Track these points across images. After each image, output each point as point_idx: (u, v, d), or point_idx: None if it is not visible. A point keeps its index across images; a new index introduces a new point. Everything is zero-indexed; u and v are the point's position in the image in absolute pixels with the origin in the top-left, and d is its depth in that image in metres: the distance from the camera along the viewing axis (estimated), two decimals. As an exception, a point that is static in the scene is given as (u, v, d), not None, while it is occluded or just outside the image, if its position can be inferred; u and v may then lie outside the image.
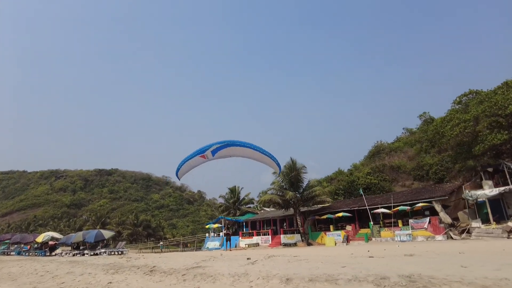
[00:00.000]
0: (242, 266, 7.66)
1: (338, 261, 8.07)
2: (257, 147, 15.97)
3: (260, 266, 7.41)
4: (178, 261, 10.09)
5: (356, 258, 9.30)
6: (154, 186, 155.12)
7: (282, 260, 9.05)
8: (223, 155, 16.02)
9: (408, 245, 17.91)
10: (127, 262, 11.36)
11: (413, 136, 59.07)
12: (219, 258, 11.15)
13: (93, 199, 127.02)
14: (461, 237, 23.22)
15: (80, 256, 22.79)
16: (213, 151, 15.65)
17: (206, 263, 8.70)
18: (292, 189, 32.72)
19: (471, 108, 29.46)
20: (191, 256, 12.76)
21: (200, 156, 15.86)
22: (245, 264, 7.92)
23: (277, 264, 7.88)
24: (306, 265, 7.38)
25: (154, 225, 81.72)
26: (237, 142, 15.98)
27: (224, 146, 15.63)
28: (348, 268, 6.59)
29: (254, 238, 37.85)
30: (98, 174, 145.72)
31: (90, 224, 78.12)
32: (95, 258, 16.83)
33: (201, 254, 18.36)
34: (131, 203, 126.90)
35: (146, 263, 9.94)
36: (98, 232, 24.60)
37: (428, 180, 39.21)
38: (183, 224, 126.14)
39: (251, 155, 16.27)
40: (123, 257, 16.12)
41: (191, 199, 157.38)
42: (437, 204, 25.32)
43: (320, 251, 15.99)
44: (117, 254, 22.80)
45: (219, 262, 8.90)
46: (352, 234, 29.72)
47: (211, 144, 15.86)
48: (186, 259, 10.54)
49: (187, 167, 16.22)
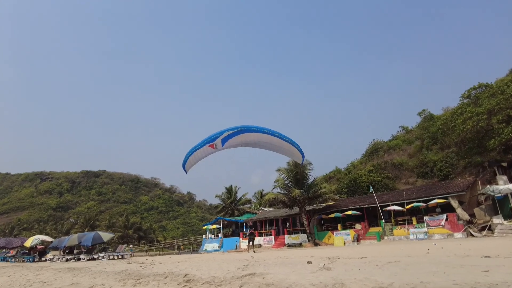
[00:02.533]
0: (314, 272, 6.12)
1: (445, 262, 6.43)
2: (276, 132, 13.88)
3: (343, 272, 5.88)
4: (211, 266, 8.39)
5: (464, 258, 7.63)
6: (143, 187, 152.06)
7: (358, 263, 7.42)
8: (234, 144, 13.90)
9: (447, 244, 16.01)
10: (143, 269, 9.58)
11: (409, 133, 58.58)
12: (264, 261, 9.36)
13: (80, 201, 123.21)
14: (482, 234, 22.11)
15: (75, 261, 20.76)
16: (224, 139, 13.53)
17: (256, 269, 7.11)
18: (297, 186, 31.24)
19: (483, 101, 28.53)
20: (215, 260, 11.02)
21: (209, 145, 13.71)
22: (316, 270, 6.36)
23: (361, 268, 6.29)
24: (413, 269, 5.83)
25: (145, 227, 79.25)
26: (252, 127, 13.92)
27: (236, 133, 13.49)
28: (495, 272, 5.11)
29: (256, 239, 36.15)
30: (85, 176, 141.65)
31: (78, 227, 75.09)
32: (98, 264, 14.86)
33: (222, 257, 16.07)
34: (119, 205, 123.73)
35: (171, 270, 8.23)
36: (95, 234, 22.48)
37: (433, 177, 38.25)
38: (173, 226, 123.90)
39: (268, 143, 14.22)
40: (131, 261, 14.25)
41: (181, 200, 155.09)
42: (454, 200, 24.18)
43: (352, 251, 14.15)
44: (118, 258, 20.84)
45: (276, 268, 7.21)
46: (362, 233, 28.41)
47: (222, 130, 13.73)
48: (221, 265, 8.81)
49: (195, 159, 14.23)
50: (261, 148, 14.69)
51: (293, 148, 14.48)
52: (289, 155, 15.54)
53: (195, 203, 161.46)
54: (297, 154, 14.91)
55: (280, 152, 14.97)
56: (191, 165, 14.36)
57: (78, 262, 19.10)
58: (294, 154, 15.15)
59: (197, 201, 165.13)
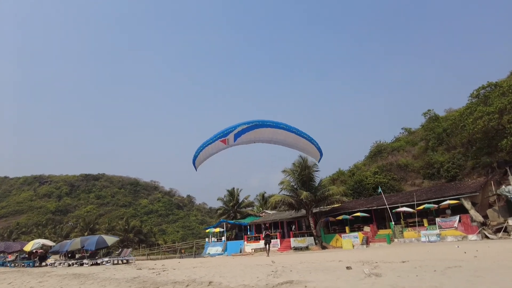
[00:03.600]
0: (362, 279, 5.46)
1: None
2: (293, 128, 12.98)
3: (400, 280, 5.21)
4: (234, 272, 7.68)
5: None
6: (142, 191, 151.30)
7: (408, 268, 6.67)
8: (247, 139, 13.08)
9: (471, 246, 15.24)
10: (157, 275, 8.85)
11: (412, 135, 58.05)
12: (290, 266, 8.57)
13: (79, 205, 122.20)
14: (498, 236, 21.48)
15: (77, 266, 19.99)
16: (237, 134, 12.72)
17: (290, 275, 6.43)
18: (304, 188, 30.60)
19: (493, 100, 28.01)
20: (233, 264, 10.19)
21: (221, 140, 12.93)
22: (364, 277, 5.69)
23: (419, 275, 5.58)
24: (491, 277, 5.15)
25: (146, 231, 78.47)
26: (267, 122, 13.02)
27: (251, 128, 12.67)
28: None
29: (261, 242, 35.41)
30: (84, 179, 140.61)
31: (78, 230, 74.23)
32: (104, 269, 14.03)
33: (237, 261, 14.96)
34: (119, 209, 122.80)
35: (190, 277, 7.51)
36: (99, 238, 21.71)
37: (440, 179, 37.63)
38: (172, 229, 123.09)
39: (284, 139, 13.40)
40: (140, 267, 13.46)
41: (180, 204, 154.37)
42: (467, 201, 23.56)
43: (370, 254, 13.31)
44: (123, 263, 20.05)
45: (314, 275, 6.53)
46: (371, 236, 27.75)
47: (235, 124, 12.82)
48: (245, 270, 8.06)
49: (206, 154, 13.47)
50: (276, 144, 13.88)
51: (310, 145, 13.66)
52: (306, 153, 14.71)
53: (195, 206, 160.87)
54: (315, 152, 14.07)
55: (296, 149, 14.15)
56: (201, 161, 13.62)
57: (82, 268, 18.34)
58: (311, 152, 14.33)
59: (197, 204, 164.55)
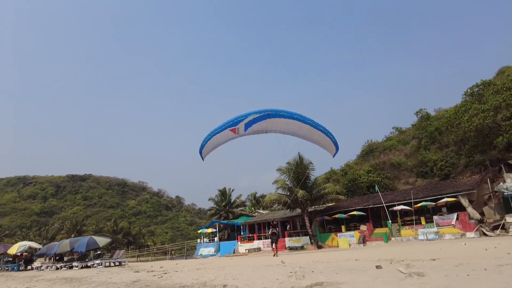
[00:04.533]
0: (403, 280, 4.91)
1: None
2: (308, 119, 12.34)
3: (448, 280, 4.69)
4: (247, 274, 6.99)
5: None
6: (130, 192, 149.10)
7: (448, 267, 6.07)
8: (258, 129, 12.35)
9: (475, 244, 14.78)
10: (160, 279, 8.09)
11: (403, 134, 58.40)
12: (307, 266, 7.94)
13: (65, 206, 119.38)
14: (495, 233, 21.38)
15: (67, 269, 19.00)
16: (248, 124, 11.99)
17: (314, 277, 5.84)
18: (299, 187, 30.12)
19: (487, 98, 28.10)
20: (241, 265, 9.48)
21: (230, 129, 12.19)
22: (405, 277, 5.14)
23: (471, 274, 5.01)
24: None
25: (135, 232, 76.95)
26: (281, 111, 12.29)
27: (263, 117, 11.93)
28: None
29: (255, 243, 34.92)
30: (70, 180, 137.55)
31: (64, 232, 72.19)
32: (97, 272, 13.14)
33: (241, 262, 13.94)
34: (106, 210, 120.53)
35: (199, 280, 6.82)
36: (90, 239, 20.67)
37: (433, 177, 37.73)
38: (161, 231, 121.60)
39: (297, 131, 12.70)
40: (137, 269, 12.63)
41: (169, 204, 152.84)
42: (464, 199, 23.44)
43: (381, 253, 12.59)
44: (115, 265, 19.12)
45: (342, 275, 6.04)
46: (368, 234, 27.44)
47: (246, 113, 12.12)
48: (258, 272, 7.36)
49: (213, 144, 12.74)
50: (289, 135, 13.20)
51: (326, 138, 12.99)
52: (320, 146, 13.94)
53: (184, 207, 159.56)
54: (330, 145, 13.41)
55: (311, 141, 13.45)
56: (208, 150, 12.90)
57: (72, 271, 17.37)
58: (326, 146, 13.65)
59: (186, 205, 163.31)
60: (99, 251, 21.62)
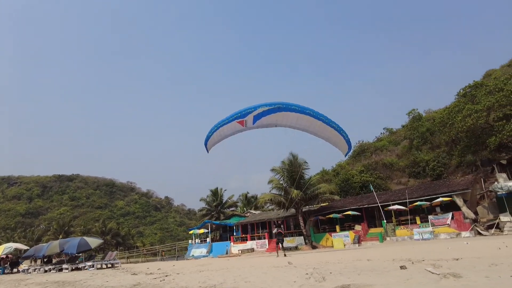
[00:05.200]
0: (439, 281, 4.61)
1: None
2: (320, 115, 11.88)
3: (490, 282, 4.39)
4: (258, 277, 6.49)
5: None
6: (118, 192, 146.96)
7: (481, 267, 5.71)
8: (267, 123, 11.85)
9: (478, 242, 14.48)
10: (162, 282, 7.57)
11: (394, 135, 58.85)
12: (319, 266, 7.52)
13: (52, 207, 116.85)
14: (490, 232, 21.49)
15: (56, 272, 18.28)
16: (257, 116, 11.50)
17: (336, 279, 5.47)
18: (294, 187, 29.89)
19: (480, 99, 28.34)
20: (246, 267, 8.96)
21: (238, 121, 11.66)
22: (440, 278, 4.79)
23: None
24: None
25: (124, 233, 75.77)
26: (292, 105, 11.76)
27: (272, 110, 11.42)
28: None
29: (248, 243, 34.54)
30: (57, 180, 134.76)
31: (51, 233, 70.61)
32: (91, 275, 12.45)
33: (244, 262, 13.21)
34: (94, 211, 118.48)
35: (207, 284, 6.35)
36: (81, 240, 19.91)
37: (425, 177, 38.01)
38: (150, 231, 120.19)
39: (309, 126, 12.17)
40: (134, 271, 12.03)
41: (158, 205, 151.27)
42: (459, 199, 23.54)
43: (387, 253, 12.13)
44: (107, 267, 18.48)
45: (366, 277, 5.68)
46: (362, 234, 27.36)
47: (256, 105, 11.64)
48: (270, 274, 6.90)
49: (220, 136, 12.22)
50: (299, 130, 12.72)
51: (338, 136, 12.50)
52: (332, 144, 13.37)
53: (173, 208, 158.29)
54: (343, 143, 12.89)
55: (322, 138, 12.93)
56: (214, 142, 12.38)
57: (62, 274, 16.67)
58: (338, 143, 13.13)
59: (175, 205, 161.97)
60: (90, 253, 20.92)
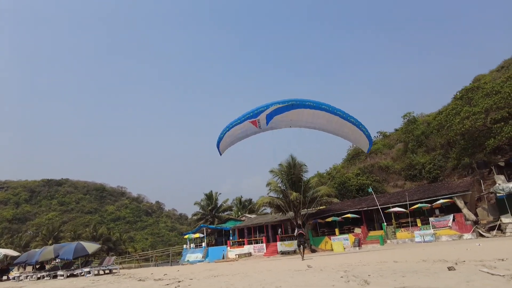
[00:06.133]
0: (508, 282, 4.26)
1: None
2: (337, 110, 11.21)
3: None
4: (290, 283, 5.89)
5: None
6: (108, 197, 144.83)
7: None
8: (281, 122, 11.15)
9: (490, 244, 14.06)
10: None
11: (388, 138, 59.13)
12: (351, 269, 7.04)
13: (40, 212, 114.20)
14: (492, 234, 21.43)
15: (50, 279, 17.47)
16: (269, 115, 10.84)
17: (382, 282, 5.06)
18: (292, 189, 29.58)
19: (477, 101, 28.50)
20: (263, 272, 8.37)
21: (251, 121, 11.04)
22: (504, 283, 4.43)
23: None
24: None
25: (115, 238, 74.36)
26: (306, 101, 10.96)
27: (286, 108, 10.72)
28: None
29: (246, 247, 34.00)
30: (46, 185, 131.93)
31: (40, 239, 68.88)
32: (93, 282, 11.75)
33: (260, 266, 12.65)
34: (84, 216, 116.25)
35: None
36: (78, 245, 19.03)
37: (422, 180, 38.14)
38: (141, 237, 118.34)
39: (325, 124, 11.38)
40: (139, 277, 11.37)
41: (149, 210, 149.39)
42: (460, 200, 23.49)
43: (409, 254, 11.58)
44: (105, 273, 17.73)
45: (417, 279, 5.24)
46: (362, 237, 27.12)
47: (268, 103, 10.93)
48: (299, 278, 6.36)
49: (232, 137, 11.60)
50: (315, 129, 12.04)
51: (358, 132, 11.75)
52: (351, 141, 12.68)
53: (164, 213, 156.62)
54: (363, 140, 12.15)
55: (340, 135, 12.17)
56: (227, 145, 11.73)
57: (57, 281, 15.88)
58: (358, 140, 12.40)
59: (166, 210, 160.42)
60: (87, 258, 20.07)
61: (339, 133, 12.04)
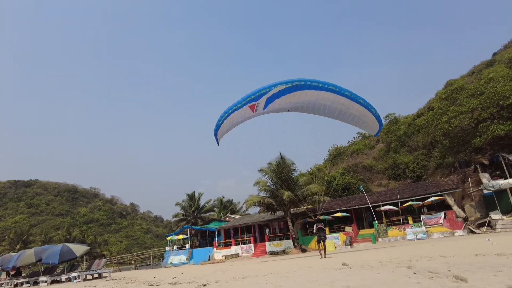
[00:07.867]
0: None
1: None
2: (345, 91, 10.27)
3: None
4: (357, 283, 5.23)
5: None
6: (81, 198, 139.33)
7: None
8: (280, 106, 10.09)
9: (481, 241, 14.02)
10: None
11: (368, 139, 60.00)
12: (398, 267, 6.44)
13: (6, 215, 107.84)
14: (482, 231, 21.78)
15: (30, 285, 15.95)
16: (270, 98, 9.94)
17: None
18: (283, 188, 29.07)
19: (462, 101, 29.12)
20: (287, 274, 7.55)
21: (250, 105, 10.25)
22: None
23: None
24: None
25: (89, 241, 71.23)
26: (313, 81, 10.11)
27: (289, 89, 9.93)
28: None
29: (233, 248, 33.17)
30: (13, 186, 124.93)
31: (6, 244, 64.77)
32: None
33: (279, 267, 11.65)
34: (54, 218, 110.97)
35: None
36: (64, 247, 17.26)
37: (406, 179, 38.72)
38: (115, 240, 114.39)
39: (330, 105, 10.55)
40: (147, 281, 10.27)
41: (123, 212, 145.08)
42: (450, 198, 23.83)
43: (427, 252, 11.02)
44: (94, 278, 16.32)
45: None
46: (353, 236, 27.00)
47: (270, 84, 10.01)
48: (338, 283, 5.67)
49: (230, 123, 10.67)
50: (319, 114, 11.09)
51: (367, 113, 10.87)
52: (359, 124, 11.64)
53: (139, 215, 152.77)
54: (372, 121, 11.23)
55: (346, 119, 11.18)
56: (224, 132, 10.74)
57: (39, 287, 14.46)
58: (366, 123, 11.47)
59: (141, 212, 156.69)
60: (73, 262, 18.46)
61: (345, 115, 11.10)
